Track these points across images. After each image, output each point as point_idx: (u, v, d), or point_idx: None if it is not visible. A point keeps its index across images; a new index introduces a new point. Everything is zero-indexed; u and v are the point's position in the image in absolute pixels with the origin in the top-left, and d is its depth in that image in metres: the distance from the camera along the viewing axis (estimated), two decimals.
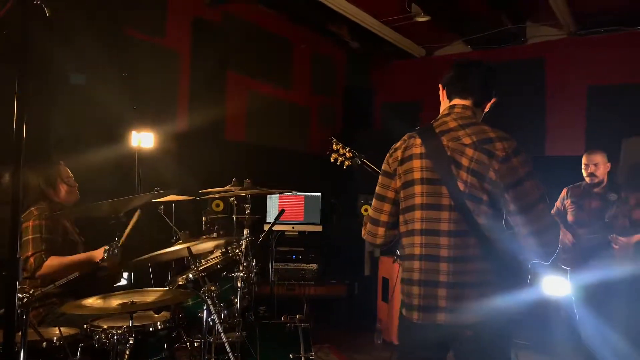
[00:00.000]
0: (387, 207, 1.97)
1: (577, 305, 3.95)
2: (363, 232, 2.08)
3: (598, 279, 3.78)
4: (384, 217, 1.98)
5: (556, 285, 4.03)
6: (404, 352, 1.97)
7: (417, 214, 1.86)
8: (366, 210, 5.25)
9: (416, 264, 1.85)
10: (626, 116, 5.57)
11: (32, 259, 2.75)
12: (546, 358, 4.30)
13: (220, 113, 5.44)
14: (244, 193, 2.94)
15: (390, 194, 1.96)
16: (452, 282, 1.78)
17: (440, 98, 2.07)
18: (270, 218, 5.30)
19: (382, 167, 2.03)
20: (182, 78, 5.13)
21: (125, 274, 4.00)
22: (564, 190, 4.18)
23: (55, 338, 2.19)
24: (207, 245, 3.01)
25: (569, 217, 4.03)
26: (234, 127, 5.67)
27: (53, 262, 2.77)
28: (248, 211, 2.99)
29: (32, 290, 1.94)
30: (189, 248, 2.64)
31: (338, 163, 2.96)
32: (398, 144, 1.98)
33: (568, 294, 4.03)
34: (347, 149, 2.85)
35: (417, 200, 1.86)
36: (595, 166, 3.86)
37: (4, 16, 1.48)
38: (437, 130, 1.88)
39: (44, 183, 2.98)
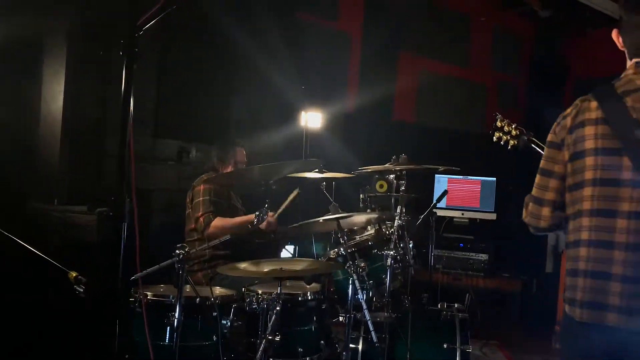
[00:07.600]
0: (553, 183, 1.64)
1: None
2: (524, 214, 1.75)
3: None
4: (549, 195, 1.65)
5: None
6: (567, 358, 1.64)
7: (587, 190, 1.54)
8: None
9: (583, 251, 1.53)
10: None
11: (201, 219, 3.08)
12: None
13: (389, 93, 5.35)
14: (398, 168, 2.80)
15: (558, 168, 1.63)
16: (630, 275, 1.43)
17: (616, 40, 1.63)
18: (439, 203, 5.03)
19: (548, 138, 1.70)
20: (353, 59, 5.16)
21: (289, 247, 4.22)
22: None
23: (210, 296, 2.35)
24: (358, 219, 2.94)
25: None
26: (403, 107, 5.53)
27: (218, 222, 3.08)
28: (403, 188, 2.84)
29: (188, 248, 2.11)
30: (338, 221, 2.61)
31: (502, 143, 2.54)
32: (568, 110, 1.63)
33: None
34: (512, 126, 2.43)
35: (589, 174, 1.54)
36: None
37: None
38: (619, 91, 1.53)
39: (217, 159, 3.39)
